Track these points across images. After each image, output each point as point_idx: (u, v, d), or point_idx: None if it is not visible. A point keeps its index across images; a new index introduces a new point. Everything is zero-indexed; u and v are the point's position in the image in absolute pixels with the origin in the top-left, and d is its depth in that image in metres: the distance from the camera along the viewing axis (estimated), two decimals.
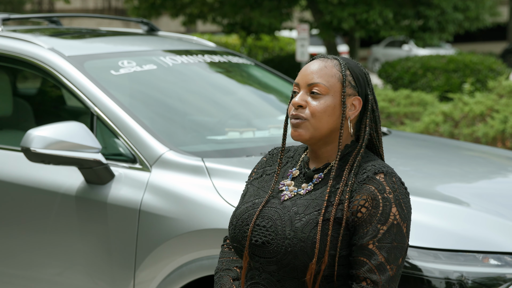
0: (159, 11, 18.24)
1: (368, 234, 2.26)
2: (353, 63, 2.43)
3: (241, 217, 2.40)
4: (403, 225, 2.29)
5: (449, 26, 16.60)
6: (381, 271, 2.26)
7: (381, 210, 2.27)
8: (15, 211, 3.98)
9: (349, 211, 2.29)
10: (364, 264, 2.27)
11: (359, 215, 2.28)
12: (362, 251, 2.27)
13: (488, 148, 4.96)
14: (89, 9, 36.64)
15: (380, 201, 2.27)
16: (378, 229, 2.26)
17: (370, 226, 2.27)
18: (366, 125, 2.39)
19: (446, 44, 31.96)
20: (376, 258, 2.26)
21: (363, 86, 2.41)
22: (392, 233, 2.27)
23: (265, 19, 16.62)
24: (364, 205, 2.28)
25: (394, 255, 2.27)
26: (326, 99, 2.35)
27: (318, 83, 2.35)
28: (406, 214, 2.30)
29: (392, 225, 2.27)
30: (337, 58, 2.41)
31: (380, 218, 2.27)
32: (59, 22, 5.50)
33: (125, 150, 3.80)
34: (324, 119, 2.35)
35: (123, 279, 3.65)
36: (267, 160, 2.55)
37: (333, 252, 2.28)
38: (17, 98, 4.93)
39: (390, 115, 11.00)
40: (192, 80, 4.64)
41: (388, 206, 2.27)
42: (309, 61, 2.44)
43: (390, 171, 2.32)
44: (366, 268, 2.26)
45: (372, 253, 2.26)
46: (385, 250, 2.26)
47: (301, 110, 2.36)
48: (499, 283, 3.17)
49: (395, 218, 2.28)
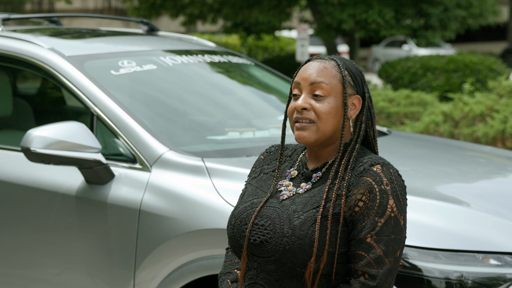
0: (159, 11, 18.24)
1: (366, 228, 2.27)
2: (349, 63, 2.44)
3: (239, 217, 2.41)
4: (400, 217, 2.30)
5: (452, 23, 16.58)
6: (379, 264, 2.27)
7: (378, 203, 2.28)
8: (15, 211, 3.98)
9: (346, 205, 2.29)
10: (362, 257, 2.27)
11: (356, 209, 2.28)
12: (360, 245, 2.28)
13: (488, 148, 4.95)
14: (89, 9, 36.63)
15: (377, 193, 2.28)
16: (376, 222, 2.27)
17: (367, 219, 2.27)
18: (362, 122, 2.40)
19: (446, 44, 31.94)
20: (374, 251, 2.26)
21: (361, 84, 2.42)
22: (390, 226, 2.28)
23: (264, 16, 16.61)
24: (361, 199, 2.28)
25: (392, 248, 2.28)
26: (329, 101, 2.36)
27: (321, 82, 2.35)
28: (403, 206, 2.31)
29: (389, 217, 2.28)
30: (334, 59, 2.41)
31: (377, 211, 2.27)
32: (59, 22, 5.50)
33: (125, 150, 3.80)
34: (329, 121, 2.35)
35: (123, 279, 3.65)
36: (264, 159, 2.55)
37: (331, 250, 2.29)
38: (17, 98, 4.93)
39: (390, 115, 10.99)
40: (192, 80, 4.64)
41: (385, 198, 2.28)
42: (305, 62, 2.43)
43: (386, 163, 2.34)
44: (364, 262, 2.27)
45: (370, 247, 2.27)
46: (383, 243, 2.27)
47: (306, 113, 2.36)
48: (499, 283, 3.17)
49: (392, 210, 2.28)
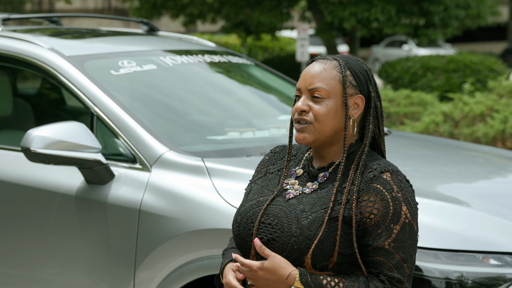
0: (161, 11, 18.24)
1: (382, 235, 2.29)
2: (353, 61, 2.42)
3: (245, 215, 2.41)
4: (413, 222, 2.32)
5: (452, 22, 16.58)
6: (399, 270, 2.29)
7: (392, 210, 2.29)
8: (15, 211, 3.98)
9: (357, 211, 2.30)
10: (383, 263, 2.29)
11: (371, 217, 2.29)
12: (378, 252, 2.29)
13: (488, 148, 4.95)
14: (89, 9, 36.62)
15: (390, 200, 2.29)
16: (392, 229, 2.29)
17: (383, 226, 2.29)
18: (369, 123, 2.40)
19: (446, 44, 31.94)
20: (393, 257, 2.28)
21: (365, 83, 2.41)
22: (406, 232, 2.30)
23: (265, 17, 16.61)
24: (374, 207, 2.29)
25: (409, 254, 2.31)
26: (328, 102, 2.36)
27: (318, 88, 2.36)
28: (415, 211, 2.34)
29: (404, 224, 2.30)
30: (337, 59, 2.41)
31: (392, 218, 2.29)
32: (59, 22, 5.50)
33: (125, 150, 3.80)
34: (327, 122, 2.36)
35: (123, 279, 3.65)
36: (269, 159, 2.56)
37: (341, 251, 2.30)
38: (17, 98, 4.93)
39: (390, 115, 11.00)
40: (192, 80, 4.64)
41: (398, 205, 2.30)
42: (309, 62, 2.44)
43: (395, 170, 2.35)
44: (386, 267, 2.29)
45: (389, 253, 2.28)
46: (402, 250, 2.29)
47: (304, 114, 2.37)
48: (499, 283, 3.17)
49: (406, 216, 2.30)
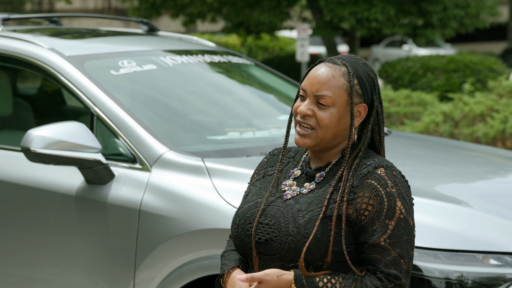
0: (160, 11, 18.24)
1: (377, 231, 2.29)
2: (361, 68, 2.41)
3: (243, 216, 2.43)
4: (409, 218, 2.32)
5: (451, 22, 16.58)
6: (396, 266, 2.29)
7: (387, 206, 2.29)
8: (15, 211, 3.98)
9: (352, 208, 2.31)
10: (379, 260, 2.29)
11: (366, 213, 2.30)
12: (374, 249, 2.30)
13: (488, 148, 4.95)
14: (89, 9, 36.62)
15: (384, 196, 2.30)
16: (387, 225, 2.29)
17: (378, 223, 2.29)
18: (368, 130, 2.41)
19: (446, 44, 31.93)
20: (389, 253, 2.29)
21: (370, 92, 2.41)
22: (401, 228, 2.30)
23: (265, 17, 16.61)
24: (369, 203, 2.30)
25: (406, 249, 2.31)
26: (332, 110, 2.37)
27: (325, 96, 2.36)
28: (410, 206, 2.33)
29: (399, 219, 2.30)
30: (346, 65, 2.39)
31: (387, 214, 2.29)
32: (59, 22, 5.50)
33: (125, 150, 3.80)
34: (329, 129, 2.37)
35: (123, 279, 3.65)
36: (268, 161, 2.57)
37: (336, 249, 2.30)
38: (17, 98, 4.93)
39: (390, 115, 11.00)
40: (192, 80, 4.63)
41: (393, 201, 2.30)
42: (317, 63, 2.42)
43: (390, 165, 2.35)
44: (383, 264, 2.29)
45: (385, 249, 2.29)
46: (398, 246, 2.29)
47: (307, 119, 2.38)
48: (499, 283, 3.17)
49: (401, 212, 2.31)
